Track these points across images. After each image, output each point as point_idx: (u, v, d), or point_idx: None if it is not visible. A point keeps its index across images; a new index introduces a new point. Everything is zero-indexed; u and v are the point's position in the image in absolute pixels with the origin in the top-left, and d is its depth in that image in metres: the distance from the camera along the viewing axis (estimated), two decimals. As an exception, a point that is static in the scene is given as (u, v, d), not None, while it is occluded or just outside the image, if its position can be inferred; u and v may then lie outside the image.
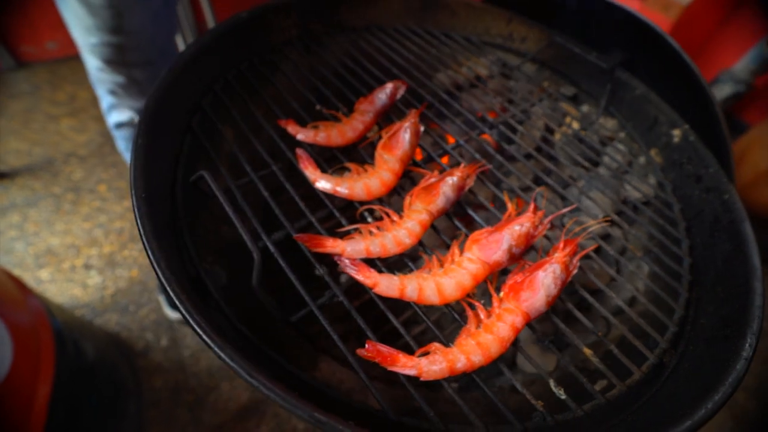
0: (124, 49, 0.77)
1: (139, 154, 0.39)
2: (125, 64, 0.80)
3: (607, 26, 0.67)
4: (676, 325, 0.45)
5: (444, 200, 0.46)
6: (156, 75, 0.86)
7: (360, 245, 0.42)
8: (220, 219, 0.59)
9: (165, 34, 0.84)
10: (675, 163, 0.61)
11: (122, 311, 1.31)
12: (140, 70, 0.83)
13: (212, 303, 0.38)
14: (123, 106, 0.91)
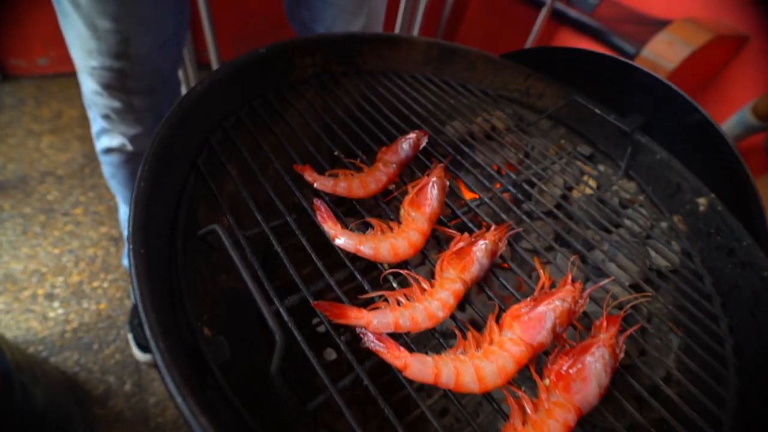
0: (125, 75, 0.73)
1: (141, 199, 0.33)
2: (125, 90, 0.75)
3: (628, 88, 0.67)
4: (731, 419, 0.40)
5: (478, 268, 0.42)
6: (155, 104, 0.81)
7: (388, 317, 0.36)
8: (219, 268, 0.53)
9: (170, 63, 0.80)
10: (701, 233, 0.60)
11: (84, 349, 1.18)
12: (139, 98, 0.78)
13: (211, 382, 0.32)
14: (115, 131, 0.85)
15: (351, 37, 0.67)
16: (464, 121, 0.70)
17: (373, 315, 0.36)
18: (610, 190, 0.65)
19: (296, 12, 0.89)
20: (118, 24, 0.66)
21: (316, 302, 0.36)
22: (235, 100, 0.54)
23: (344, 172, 0.50)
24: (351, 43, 0.68)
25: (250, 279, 0.31)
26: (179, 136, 0.42)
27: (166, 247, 0.38)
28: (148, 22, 0.69)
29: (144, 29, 0.69)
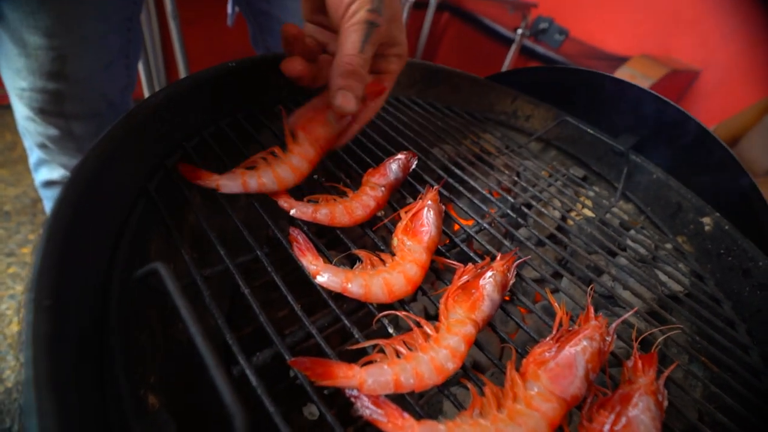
0: (63, 97, 0.64)
1: (55, 233, 0.25)
2: (63, 115, 0.66)
3: (618, 107, 0.65)
4: None
5: (489, 305, 0.35)
6: (101, 130, 0.73)
7: (386, 375, 0.29)
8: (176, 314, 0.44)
9: (119, 87, 0.72)
10: (710, 254, 0.56)
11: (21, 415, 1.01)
12: (81, 124, 0.69)
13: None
14: (54, 162, 0.76)
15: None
16: (453, 144, 0.66)
17: (367, 372, 0.29)
18: (610, 212, 0.61)
19: (260, 39, 0.86)
20: (52, 40, 0.58)
21: (293, 359, 0.28)
22: (198, 118, 0.47)
23: (326, 197, 0.43)
24: (330, 63, 0.63)
25: (199, 335, 0.23)
26: (123, 154, 0.35)
27: (97, 293, 0.29)
28: (89, 38, 0.61)
29: (84, 47, 0.62)
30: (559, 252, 0.51)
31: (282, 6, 0.76)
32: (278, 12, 0.77)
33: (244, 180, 0.39)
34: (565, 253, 0.50)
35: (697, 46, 2.02)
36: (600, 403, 0.32)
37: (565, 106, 0.72)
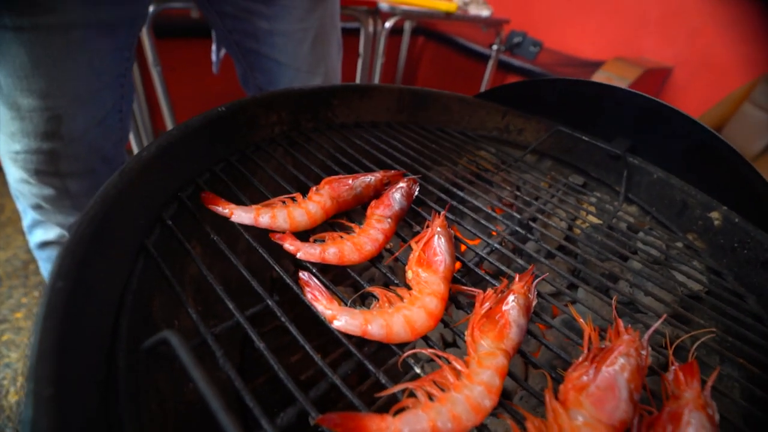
0: (58, 156, 0.63)
1: (54, 310, 0.23)
2: (58, 174, 0.66)
3: (608, 112, 0.65)
4: None
5: (517, 331, 0.33)
6: (95, 186, 0.70)
7: (422, 422, 0.26)
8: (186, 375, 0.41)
9: (113, 141, 0.71)
10: (724, 248, 0.55)
11: (18, 496, 0.94)
12: (76, 181, 0.68)
13: None
14: (50, 222, 0.74)
15: (319, 90, 0.63)
16: (449, 164, 0.65)
17: (401, 422, 0.26)
18: (616, 216, 0.61)
19: (250, 77, 0.86)
20: (47, 101, 0.57)
21: (321, 417, 0.26)
22: (192, 166, 0.46)
23: (331, 236, 0.41)
24: (319, 96, 0.63)
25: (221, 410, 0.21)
26: (120, 213, 0.33)
27: (102, 369, 0.27)
28: (83, 97, 0.61)
29: (79, 105, 0.61)
30: (571, 263, 0.49)
31: (271, 44, 0.77)
32: (267, 50, 0.78)
33: (257, 213, 0.39)
34: (577, 263, 0.49)
35: (666, 44, 2.10)
36: (648, 424, 0.30)
37: (554, 116, 0.73)
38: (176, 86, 1.57)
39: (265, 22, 0.75)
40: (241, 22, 0.76)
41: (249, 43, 0.79)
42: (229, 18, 0.76)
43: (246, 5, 0.73)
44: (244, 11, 0.74)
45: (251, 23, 0.76)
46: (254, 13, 0.74)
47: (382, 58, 1.85)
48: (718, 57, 1.98)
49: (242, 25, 0.76)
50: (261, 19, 0.75)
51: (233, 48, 0.82)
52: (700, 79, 2.07)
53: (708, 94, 1.98)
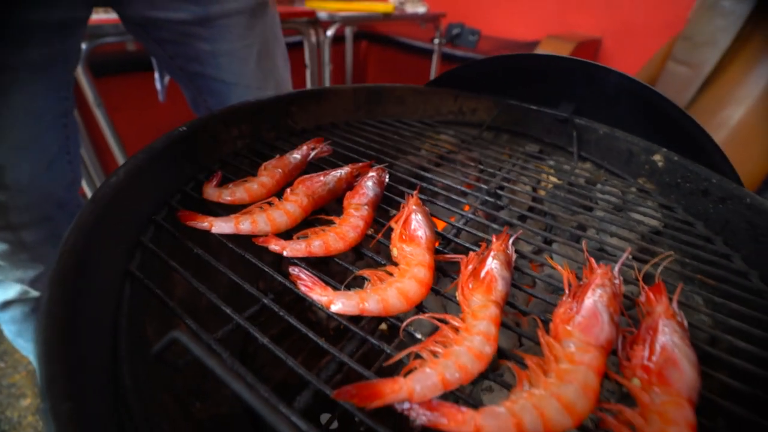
0: (6, 209, 0.60)
1: (52, 336, 0.23)
2: (9, 227, 0.62)
3: (551, 80, 0.70)
4: None
5: (503, 283, 0.36)
6: (53, 233, 0.67)
7: (432, 377, 0.28)
8: (190, 394, 0.41)
9: (65, 185, 0.68)
10: (670, 186, 0.60)
11: None
12: (32, 231, 0.65)
13: None
14: (9, 279, 0.69)
15: (276, 100, 0.64)
16: (414, 152, 0.68)
17: (413, 381, 0.28)
18: (574, 174, 0.65)
19: (200, 101, 0.84)
20: None
21: (336, 391, 0.27)
22: (161, 188, 0.46)
23: (313, 231, 0.43)
24: (277, 105, 0.64)
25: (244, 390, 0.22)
26: (99, 241, 0.33)
27: (107, 387, 0.27)
28: (24, 143, 0.59)
29: (21, 152, 0.59)
30: (543, 221, 0.53)
31: (216, 65, 0.76)
32: (213, 71, 0.77)
33: (237, 221, 0.39)
34: (548, 221, 0.53)
35: (591, 17, 2.25)
36: (631, 341, 0.33)
37: (502, 92, 0.77)
38: (123, 124, 1.51)
39: (206, 44, 0.74)
40: (182, 46, 0.74)
41: (193, 66, 0.78)
42: (168, 44, 0.74)
43: (183, 29, 0.72)
44: (183, 35, 0.73)
45: (192, 47, 0.74)
46: (193, 36, 0.73)
47: (330, 66, 1.87)
48: (638, 23, 2.15)
49: (183, 50, 0.75)
50: (201, 42, 0.74)
51: (178, 74, 0.81)
52: (627, 46, 2.23)
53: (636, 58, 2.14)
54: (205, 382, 0.44)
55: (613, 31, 2.25)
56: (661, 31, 2.06)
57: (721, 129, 1.80)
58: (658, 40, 1.97)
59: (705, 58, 1.80)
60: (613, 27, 2.24)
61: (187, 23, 0.71)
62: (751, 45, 1.75)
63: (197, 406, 0.41)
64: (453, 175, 0.61)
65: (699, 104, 1.88)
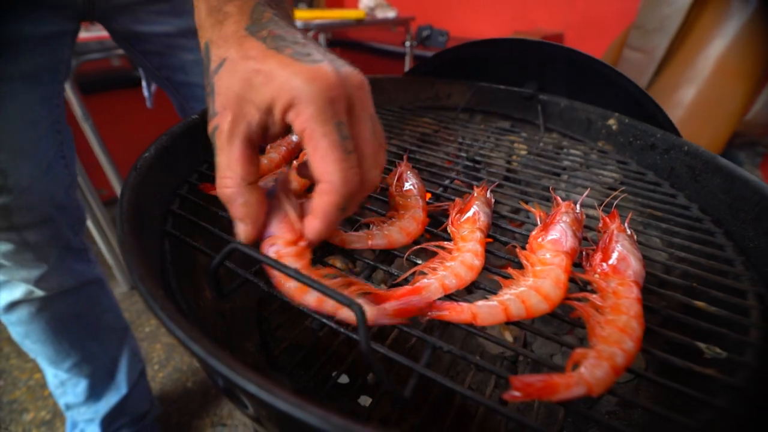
0: (10, 211, 0.64)
1: (128, 242, 0.29)
2: (13, 228, 0.66)
3: (517, 62, 0.79)
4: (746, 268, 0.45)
5: (484, 215, 0.43)
6: (55, 234, 0.72)
7: (434, 283, 0.35)
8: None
9: (63, 187, 0.72)
10: (624, 145, 0.70)
11: None
12: (34, 232, 0.68)
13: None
14: (14, 280, 0.72)
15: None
16: (396, 136, 0.75)
17: (419, 284, 0.35)
18: (542, 142, 0.74)
19: (188, 108, 0.86)
20: None
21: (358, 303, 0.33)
22: (182, 168, 0.51)
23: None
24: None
25: (296, 273, 0.28)
26: (142, 202, 0.39)
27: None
28: (23, 148, 0.63)
29: (21, 157, 0.63)
30: (518, 187, 0.61)
31: (200, 73, 0.80)
32: (197, 79, 0.80)
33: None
34: (523, 187, 0.60)
35: (552, 12, 2.40)
36: (592, 254, 0.41)
37: (474, 77, 0.86)
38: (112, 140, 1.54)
39: (190, 53, 0.77)
40: (167, 57, 0.77)
41: (179, 76, 0.80)
42: (154, 55, 0.77)
43: (168, 41, 0.75)
44: (167, 47, 0.76)
45: (177, 57, 0.77)
46: (177, 48, 0.76)
47: (309, 72, 1.93)
48: (596, 16, 2.31)
49: (168, 61, 0.78)
50: (185, 52, 0.77)
51: (165, 84, 0.83)
52: (587, 38, 2.39)
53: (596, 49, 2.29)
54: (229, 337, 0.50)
55: (574, 25, 2.40)
56: (617, 22, 2.22)
57: (676, 108, 1.95)
58: (615, 31, 2.12)
59: (656, 44, 1.95)
60: (573, 21, 2.39)
61: (171, 35, 0.74)
62: (698, 29, 1.90)
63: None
64: (434, 154, 0.69)
65: (655, 87, 2.03)
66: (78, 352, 0.86)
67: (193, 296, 0.46)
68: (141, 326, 1.51)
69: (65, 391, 0.90)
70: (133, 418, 0.99)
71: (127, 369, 0.95)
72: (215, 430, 1.17)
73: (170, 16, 0.72)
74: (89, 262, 0.83)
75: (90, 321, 0.86)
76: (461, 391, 0.27)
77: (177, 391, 1.28)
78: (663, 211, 0.55)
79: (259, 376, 0.20)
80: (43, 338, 0.80)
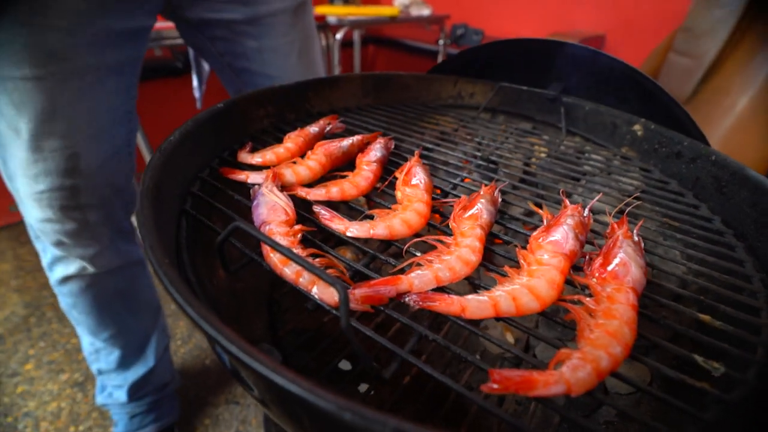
0: (78, 191, 0.69)
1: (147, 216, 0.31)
2: (79, 207, 0.71)
3: (540, 63, 0.77)
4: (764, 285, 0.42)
5: (488, 214, 0.43)
6: (110, 216, 0.77)
7: (427, 275, 0.36)
8: (227, 320, 0.49)
9: (124, 173, 0.77)
10: (649, 152, 0.67)
11: None
12: (95, 212, 0.74)
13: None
14: (71, 256, 0.79)
15: (296, 85, 0.73)
16: (417, 133, 0.76)
17: (412, 277, 0.36)
18: (564, 145, 0.72)
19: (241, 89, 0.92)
20: (65, 140, 0.64)
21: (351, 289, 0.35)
22: (205, 152, 0.55)
23: (333, 182, 0.51)
24: (296, 90, 0.73)
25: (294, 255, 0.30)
26: (164, 181, 0.42)
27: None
28: (97, 134, 0.68)
29: (94, 142, 0.68)
30: (534, 190, 0.60)
31: (261, 60, 0.85)
32: (258, 67, 0.86)
33: (267, 174, 0.47)
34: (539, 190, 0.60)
35: (594, 14, 2.31)
36: (595, 257, 0.40)
37: (499, 76, 0.85)
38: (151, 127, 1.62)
39: (253, 41, 0.83)
40: (231, 44, 0.83)
41: (240, 62, 0.86)
42: (220, 41, 0.83)
43: (234, 28, 0.81)
44: (234, 33, 0.81)
45: (240, 44, 0.83)
46: (242, 34, 0.82)
47: (339, 68, 1.97)
48: (641, 17, 2.20)
49: (232, 47, 0.84)
50: (249, 39, 0.83)
51: (226, 70, 0.89)
52: (630, 40, 2.29)
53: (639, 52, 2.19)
54: (240, 314, 0.52)
55: (617, 27, 2.30)
56: (663, 25, 2.11)
57: (725, 118, 1.84)
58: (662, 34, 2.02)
59: (706, 49, 1.84)
60: (616, 22, 2.29)
61: (237, 22, 0.80)
62: (751, 35, 1.78)
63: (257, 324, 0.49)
64: (452, 153, 0.69)
65: (702, 94, 1.92)
66: (116, 325, 0.92)
67: (207, 275, 0.49)
68: (168, 303, 1.60)
69: (98, 359, 0.98)
70: (156, 387, 1.06)
71: (156, 343, 1.01)
72: (229, 407, 1.22)
73: (239, 4, 0.78)
74: (135, 244, 0.90)
75: (130, 298, 0.93)
76: (439, 377, 0.28)
77: (196, 367, 1.35)
78: (683, 222, 0.53)
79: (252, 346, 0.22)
80: (88, 310, 0.88)
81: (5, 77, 0.59)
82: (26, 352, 1.36)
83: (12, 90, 0.60)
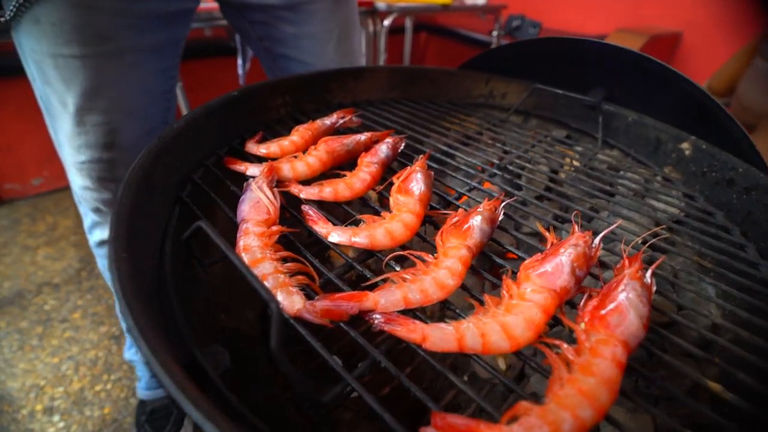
0: (115, 164, 0.74)
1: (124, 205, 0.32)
2: (115, 179, 0.76)
3: (584, 66, 0.70)
4: None
5: (480, 233, 0.40)
6: None
7: (395, 294, 0.34)
8: (217, 305, 0.50)
9: None
10: (695, 175, 0.59)
11: (90, 463, 1.07)
12: None
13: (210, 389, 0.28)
14: (107, 222, 0.85)
15: (317, 75, 0.71)
16: (441, 132, 0.72)
17: (379, 295, 0.34)
18: (596, 159, 0.65)
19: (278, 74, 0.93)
20: (106, 116, 0.68)
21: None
22: (214, 140, 0.55)
23: (328, 181, 0.50)
24: (318, 80, 0.72)
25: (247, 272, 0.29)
26: (160, 168, 0.43)
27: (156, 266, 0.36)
28: (136, 111, 0.72)
29: (132, 119, 0.72)
30: (560, 202, 0.55)
31: (298, 47, 0.86)
32: (296, 53, 0.86)
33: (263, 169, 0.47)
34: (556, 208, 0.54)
35: (672, 10, 2.07)
36: (594, 295, 0.36)
37: (537, 77, 0.78)
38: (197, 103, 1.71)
39: (292, 27, 0.83)
40: (270, 28, 0.84)
41: (278, 48, 0.87)
42: (259, 25, 0.85)
43: (274, 13, 0.82)
44: (273, 18, 0.83)
45: (279, 29, 0.84)
46: (282, 20, 0.83)
47: (385, 55, 1.93)
48: (727, 13, 1.94)
49: (271, 32, 0.85)
50: (288, 25, 0.83)
51: (264, 55, 0.90)
52: (712, 40, 2.03)
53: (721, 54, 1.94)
54: (231, 301, 0.53)
55: (697, 24, 2.05)
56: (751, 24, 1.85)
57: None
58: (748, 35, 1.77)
59: (801, 58, 1.59)
60: (697, 18, 2.04)
61: (277, 8, 0.81)
62: None
63: (222, 317, 0.50)
64: (472, 158, 0.65)
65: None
66: None
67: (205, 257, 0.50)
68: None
69: (127, 318, 1.06)
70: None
71: None
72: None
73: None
74: None
75: None
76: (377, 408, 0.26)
77: (217, 335, 1.42)
78: (719, 264, 0.46)
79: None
80: None
81: (56, 54, 0.64)
82: (75, 302, 1.51)
83: (63, 66, 0.64)
